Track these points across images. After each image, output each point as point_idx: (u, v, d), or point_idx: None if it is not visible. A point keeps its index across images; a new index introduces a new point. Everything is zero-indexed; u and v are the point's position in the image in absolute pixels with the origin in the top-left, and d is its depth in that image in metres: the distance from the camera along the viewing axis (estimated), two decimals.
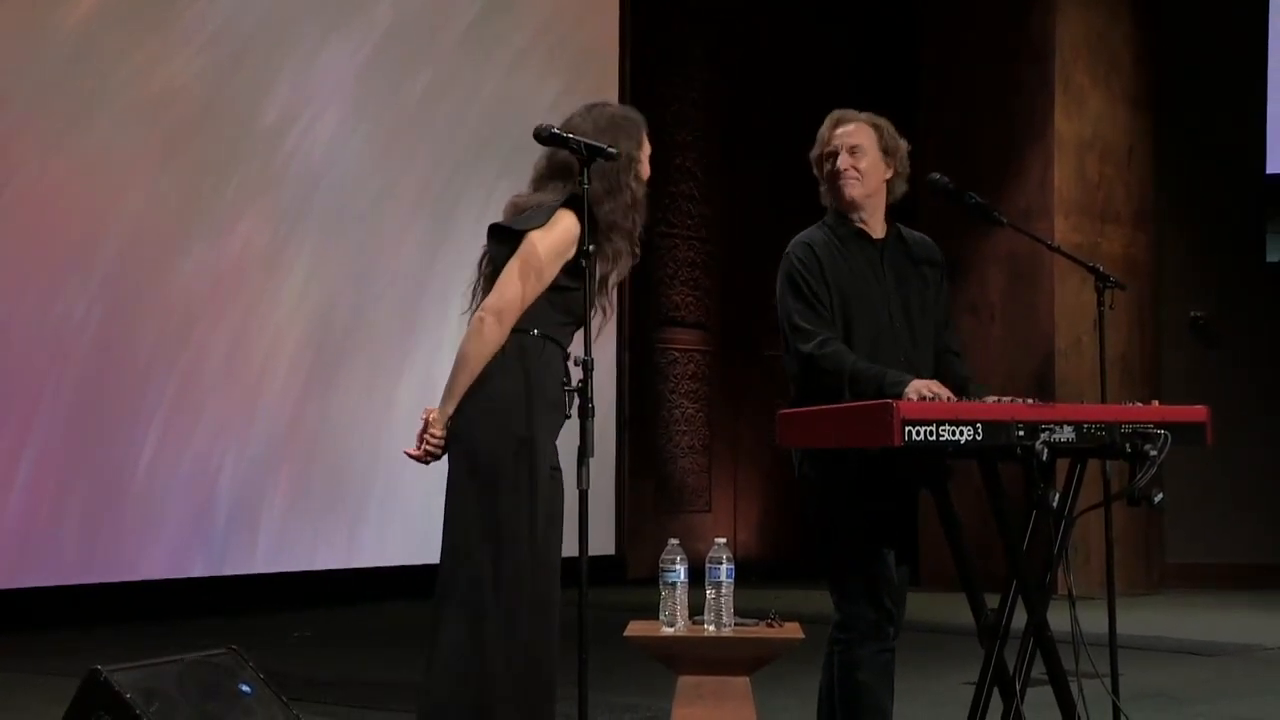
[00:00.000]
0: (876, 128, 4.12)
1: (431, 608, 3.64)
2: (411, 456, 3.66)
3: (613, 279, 3.76)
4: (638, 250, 3.77)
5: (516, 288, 3.61)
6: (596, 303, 3.71)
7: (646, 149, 3.82)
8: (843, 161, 4.07)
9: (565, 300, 3.67)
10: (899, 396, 3.74)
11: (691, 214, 11.15)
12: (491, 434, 3.59)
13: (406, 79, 9.20)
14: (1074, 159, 10.25)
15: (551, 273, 3.64)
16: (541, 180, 3.77)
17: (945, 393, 3.81)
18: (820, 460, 4.01)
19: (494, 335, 3.60)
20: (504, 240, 3.69)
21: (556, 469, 3.72)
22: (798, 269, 4.03)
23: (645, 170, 3.79)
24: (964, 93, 10.38)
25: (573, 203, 3.65)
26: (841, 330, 4.01)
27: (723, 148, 11.30)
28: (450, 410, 3.61)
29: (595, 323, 3.70)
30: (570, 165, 3.69)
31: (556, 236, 3.63)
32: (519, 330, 3.63)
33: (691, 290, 11.13)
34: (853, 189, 4.08)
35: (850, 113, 4.15)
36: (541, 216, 3.66)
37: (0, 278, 7.66)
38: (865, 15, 11.78)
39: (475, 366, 3.60)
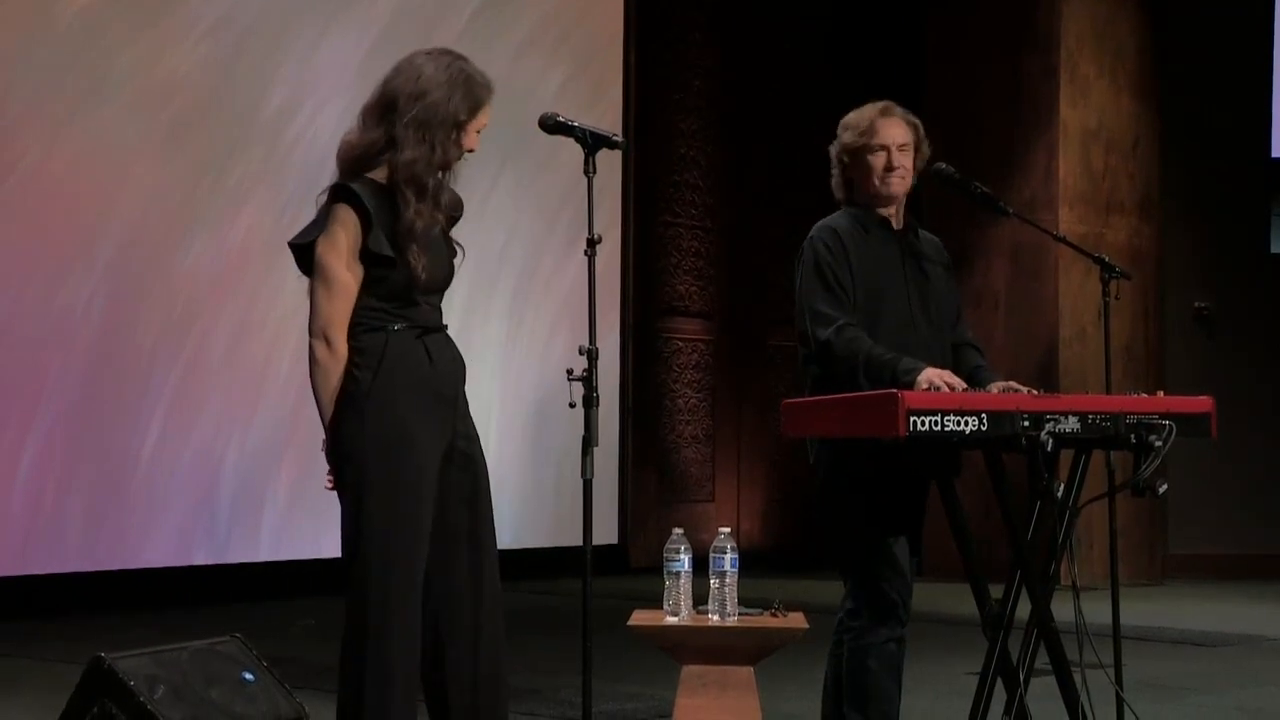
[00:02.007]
0: (914, 127, 4.15)
1: None
2: (331, 489, 3.64)
3: (419, 230, 3.54)
4: (439, 215, 3.60)
5: (325, 304, 3.53)
6: (412, 261, 3.53)
7: (480, 122, 3.65)
8: (896, 158, 4.07)
9: (384, 286, 3.55)
10: (911, 384, 3.75)
11: (696, 203, 11.14)
12: (353, 436, 3.52)
13: None
14: (1079, 149, 10.23)
15: (350, 274, 3.53)
16: (367, 117, 3.64)
17: (958, 383, 3.82)
18: (833, 449, 4.01)
19: (326, 356, 3.53)
20: (302, 255, 3.62)
21: (460, 451, 3.61)
22: (824, 254, 4.03)
23: (471, 140, 3.64)
24: (969, 82, 10.36)
25: (341, 193, 3.56)
26: (866, 318, 4.01)
27: (727, 137, 11.29)
28: (328, 439, 3.57)
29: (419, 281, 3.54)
30: (394, 102, 3.59)
31: (338, 237, 3.53)
32: (361, 332, 3.54)
33: (695, 280, 11.12)
34: (899, 186, 4.10)
35: (895, 106, 4.15)
36: (321, 222, 3.58)
37: (3, 268, 7.66)
38: (870, 4, 11.76)
39: (323, 390, 3.53)
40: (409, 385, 3.53)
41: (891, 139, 4.08)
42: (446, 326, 3.66)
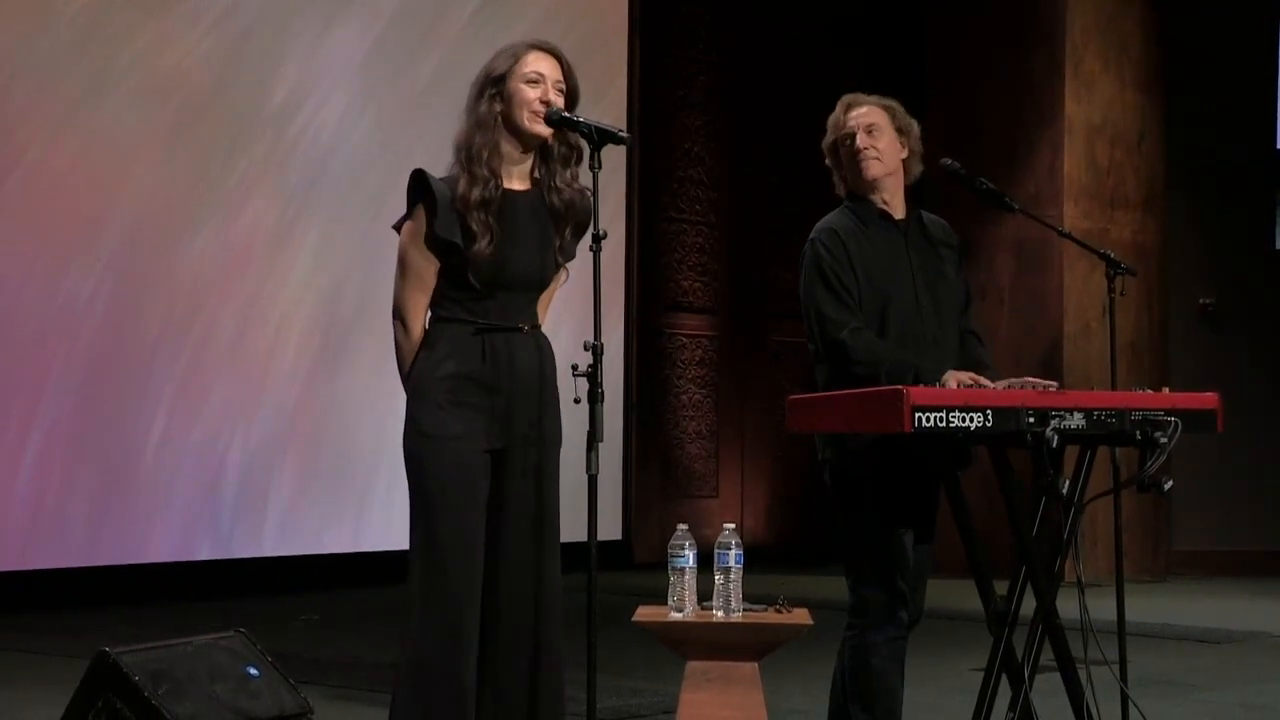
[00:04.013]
0: (889, 108, 4.12)
1: None
2: None
3: (475, 199, 3.51)
4: (477, 170, 3.54)
5: (399, 286, 3.59)
6: (475, 237, 3.49)
7: (524, 72, 3.59)
8: (861, 140, 4.06)
9: (455, 274, 3.55)
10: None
11: (700, 199, 11.13)
12: (405, 426, 3.58)
13: (414, 61, 9.19)
14: (1084, 144, 10.22)
15: (421, 259, 3.55)
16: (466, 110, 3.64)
17: (983, 382, 3.81)
18: (840, 444, 4.01)
19: (401, 338, 3.59)
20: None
21: (520, 453, 3.58)
22: (825, 257, 4.01)
23: (522, 91, 3.56)
24: (973, 77, 10.35)
25: (413, 179, 3.56)
26: (873, 315, 4.00)
27: (731, 133, 11.28)
28: None
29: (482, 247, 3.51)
30: (479, 88, 3.60)
31: (413, 225, 3.57)
32: (434, 320, 3.59)
33: (699, 276, 11.11)
34: (873, 168, 4.07)
35: (862, 96, 4.16)
36: (407, 207, 3.62)
37: (7, 259, 7.66)
38: (874, 1, 11.75)
39: (401, 372, 3.60)
40: (457, 383, 3.52)
41: (857, 124, 4.08)
42: (527, 327, 3.62)
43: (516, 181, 3.63)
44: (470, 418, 3.52)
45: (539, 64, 3.63)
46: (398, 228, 3.64)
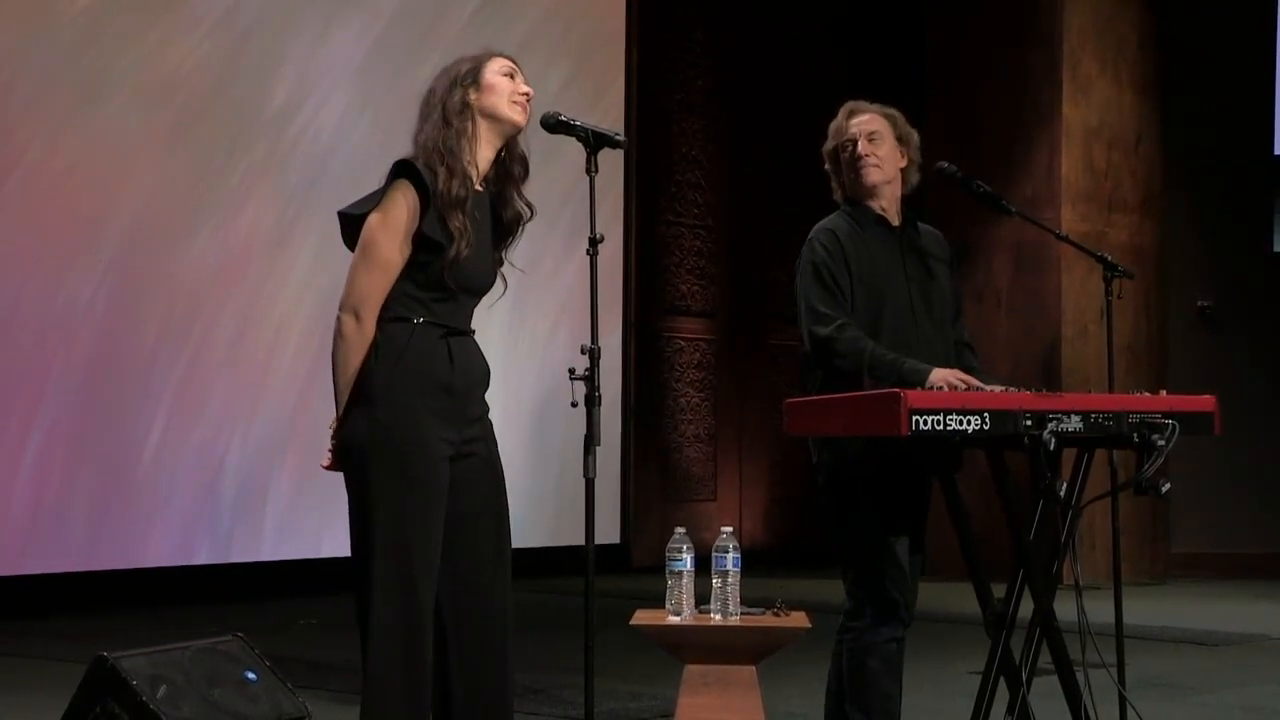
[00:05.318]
0: (890, 117, 4.17)
1: None
2: (326, 468, 3.53)
3: (454, 196, 3.46)
4: (456, 165, 3.50)
5: (364, 278, 3.46)
6: (455, 237, 3.44)
7: (493, 68, 3.58)
8: (862, 147, 4.10)
9: (428, 276, 3.48)
10: (920, 384, 3.75)
11: (698, 203, 11.13)
12: (360, 427, 3.43)
13: (414, 61, 9.17)
14: (1081, 147, 10.23)
15: (395, 253, 3.46)
16: (429, 109, 3.62)
17: (971, 381, 3.82)
18: (835, 448, 4.02)
19: (353, 332, 3.44)
20: (351, 226, 3.55)
21: (475, 456, 3.53)
22: (821, 256, 4.05)
23: (497, 80, 3.56)
24: (971, 79, 10.36)
25: (405, 170, 3.50)
26: (866, 318, 4.02)
27: (730, 135, 11.29)
28: (337, 416, 3.48)
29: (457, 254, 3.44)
30: (448, 85, 3.59)
31: (392, 215, 3.47)
32: (388, 319, 3.47)
33: (697, 279, 11.12)
34: (873, 174, 4.11)
35: (863, 103, 4.20)
36: (378, 196, 3.53)
37: (7, 261, 7.66)
38: (873, 3, 11.76)
39: (343, 368, 3.45)
40: (426, 386, 3.45)
41: (859, 131, 4.12)
42: (474, 331, 3.60)
43: (477, 183, 3.60)
44: (436, 422, 3.46)
45: (508, 64, 3.63)
46: (352, 214, 3.54)
